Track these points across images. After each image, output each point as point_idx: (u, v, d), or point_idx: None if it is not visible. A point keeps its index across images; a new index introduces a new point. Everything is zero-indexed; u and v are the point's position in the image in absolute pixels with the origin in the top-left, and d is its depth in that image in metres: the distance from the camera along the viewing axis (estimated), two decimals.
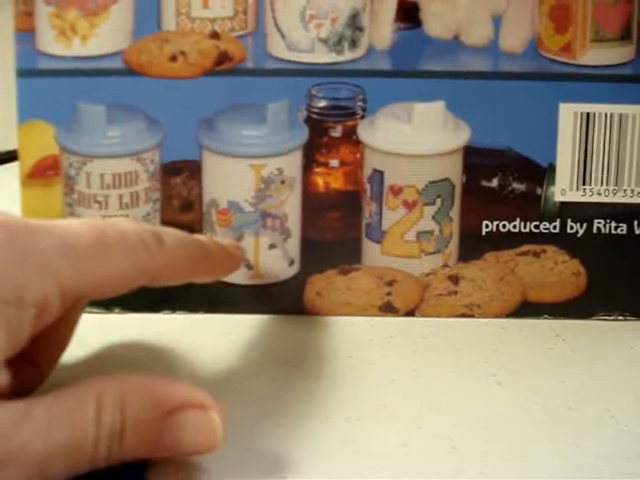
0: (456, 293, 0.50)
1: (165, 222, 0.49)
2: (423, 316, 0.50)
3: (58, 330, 0.39)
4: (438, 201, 0.49)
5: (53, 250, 0.35)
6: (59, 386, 0.35)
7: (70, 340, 0.41)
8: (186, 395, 0.35)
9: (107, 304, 0.49)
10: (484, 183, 0.50)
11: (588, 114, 0.48)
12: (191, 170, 0.49)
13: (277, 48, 0.48)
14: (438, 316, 0.50)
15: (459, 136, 0.49)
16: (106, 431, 0.34)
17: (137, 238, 0.37)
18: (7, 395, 0.34)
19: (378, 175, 0.49)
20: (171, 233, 0.40)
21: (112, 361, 0.45)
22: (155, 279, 0.39)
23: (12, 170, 0.51)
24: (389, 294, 0.50)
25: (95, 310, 0.48)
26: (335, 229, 0.50)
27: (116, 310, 0.49)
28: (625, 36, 0.48)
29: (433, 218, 0.49)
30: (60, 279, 0.35)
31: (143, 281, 0.38)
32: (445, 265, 0.50)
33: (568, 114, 0.48)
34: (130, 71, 0.48)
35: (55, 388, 0.35)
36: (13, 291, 0.34)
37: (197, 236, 0.43)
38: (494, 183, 0.50)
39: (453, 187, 0.49)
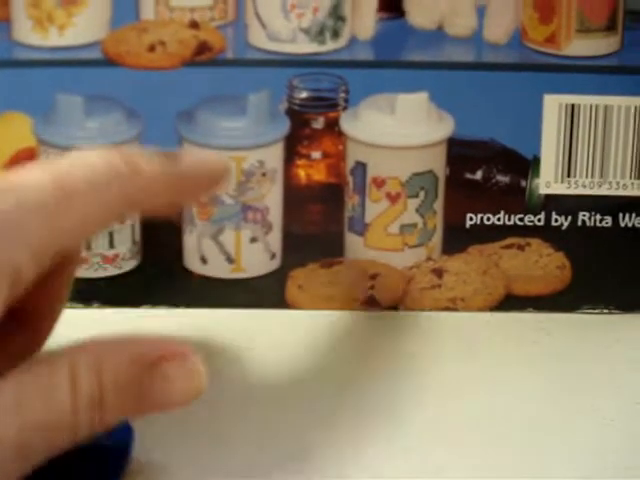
0: (440, 286, 0.49)
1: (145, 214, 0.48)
2: (406, 310, 0.49)
3: (52, 287, 0.37)
4: (422, 193, 0.49)
5: (15, 212, 0.32)
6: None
7: (67, 296, 0.38)
8: (162, 347, 0.34)
9: (86, 299, 0.48)
10: (468, 175, 0.49)
11: (573, 105, 0.48)
12: None
13: (258, 38, 0.48)
14: (421, 310, 0.49)
15: (443, 128, 0.48)
16: (84, 400, 0.32)
17: (107, 170, 0.34)
18: None
19: (361, 167, 0.49)
20: (148, 155, 0.35)
21: None
22: (136, 207, 0.36)
23: None
24: (372, 287, 0.49)
25: (74, 305, 0.47)
26: (317, 222, 0.49)
27: (95, 305, 0.48)
28: (610, 26, 0.48)
29: (417, 211, 0.49)
30: (29, 241, 0.32)
31: (123, 213, 0.36)
32: (429, 258, 0.49)
33: (553, 105, 0.48)
34: (108, 62, 0.47)
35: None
36: None
37: (178, 154, 0.37)
38: (478, 175, 0.49)
39: (437, 179, 0.49)
